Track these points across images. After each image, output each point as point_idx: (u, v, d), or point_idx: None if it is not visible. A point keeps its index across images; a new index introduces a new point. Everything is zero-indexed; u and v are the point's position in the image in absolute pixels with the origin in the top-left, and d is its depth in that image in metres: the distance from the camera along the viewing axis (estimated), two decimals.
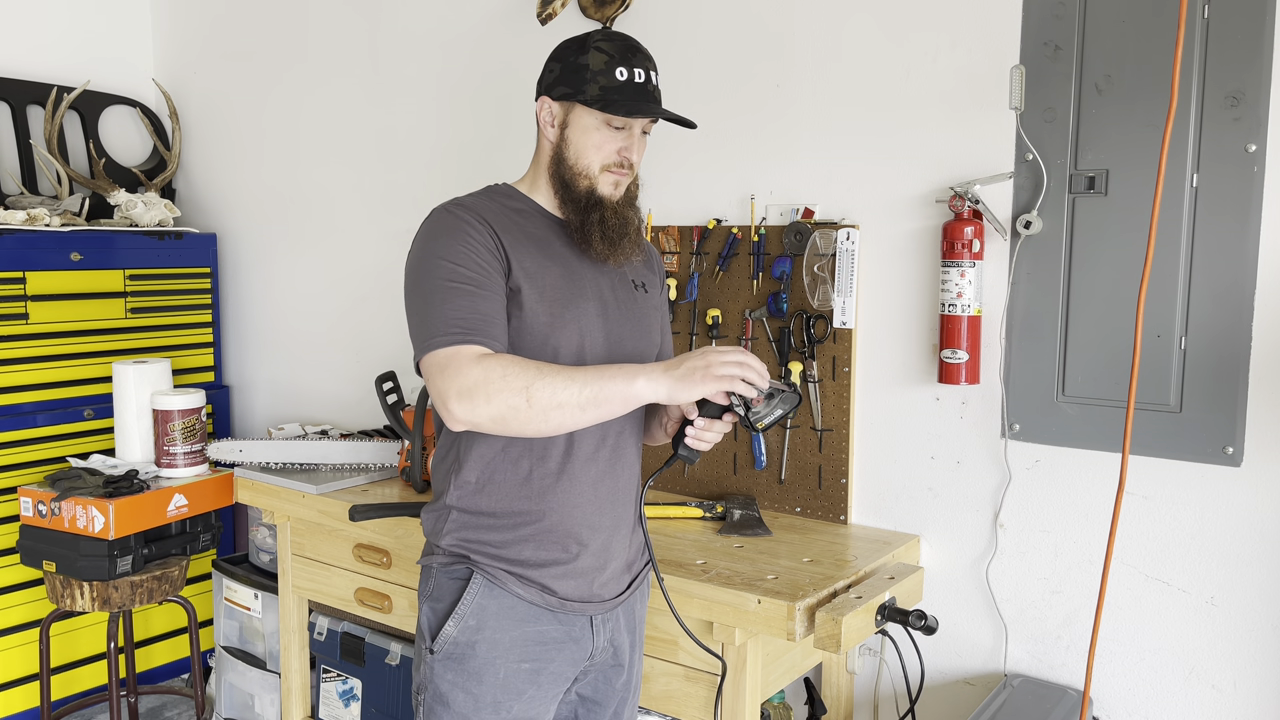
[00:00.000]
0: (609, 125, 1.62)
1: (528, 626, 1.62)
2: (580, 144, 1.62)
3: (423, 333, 1.54)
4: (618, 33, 1.66)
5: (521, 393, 1.46)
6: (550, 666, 1.65)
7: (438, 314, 1.52)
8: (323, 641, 2.67)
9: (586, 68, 1.60)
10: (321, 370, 3.37)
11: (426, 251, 1.57)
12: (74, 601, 2.73)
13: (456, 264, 1.54)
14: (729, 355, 1.51)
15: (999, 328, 2.12)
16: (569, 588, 1.64)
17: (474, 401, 1.47)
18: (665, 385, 1.49)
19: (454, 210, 1.61)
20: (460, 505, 1.63)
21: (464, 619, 1.60)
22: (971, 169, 2.12)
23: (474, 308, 1.53)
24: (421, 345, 1.54)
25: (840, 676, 2.34)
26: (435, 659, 1.62)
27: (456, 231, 1.57)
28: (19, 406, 3.01)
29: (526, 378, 1.47)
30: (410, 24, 3.01)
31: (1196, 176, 1.89)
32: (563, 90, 1.62)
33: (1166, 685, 2.01)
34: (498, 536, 1.62)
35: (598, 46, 1.61)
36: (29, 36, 3.36)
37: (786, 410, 1.60)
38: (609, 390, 1.49)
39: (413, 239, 1.63)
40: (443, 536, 1.64)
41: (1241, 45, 1.83)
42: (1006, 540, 2.16)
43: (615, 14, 2.57)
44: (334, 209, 3.26)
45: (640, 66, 1.62)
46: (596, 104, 1.59)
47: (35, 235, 3.00)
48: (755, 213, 2.41)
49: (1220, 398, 1.90)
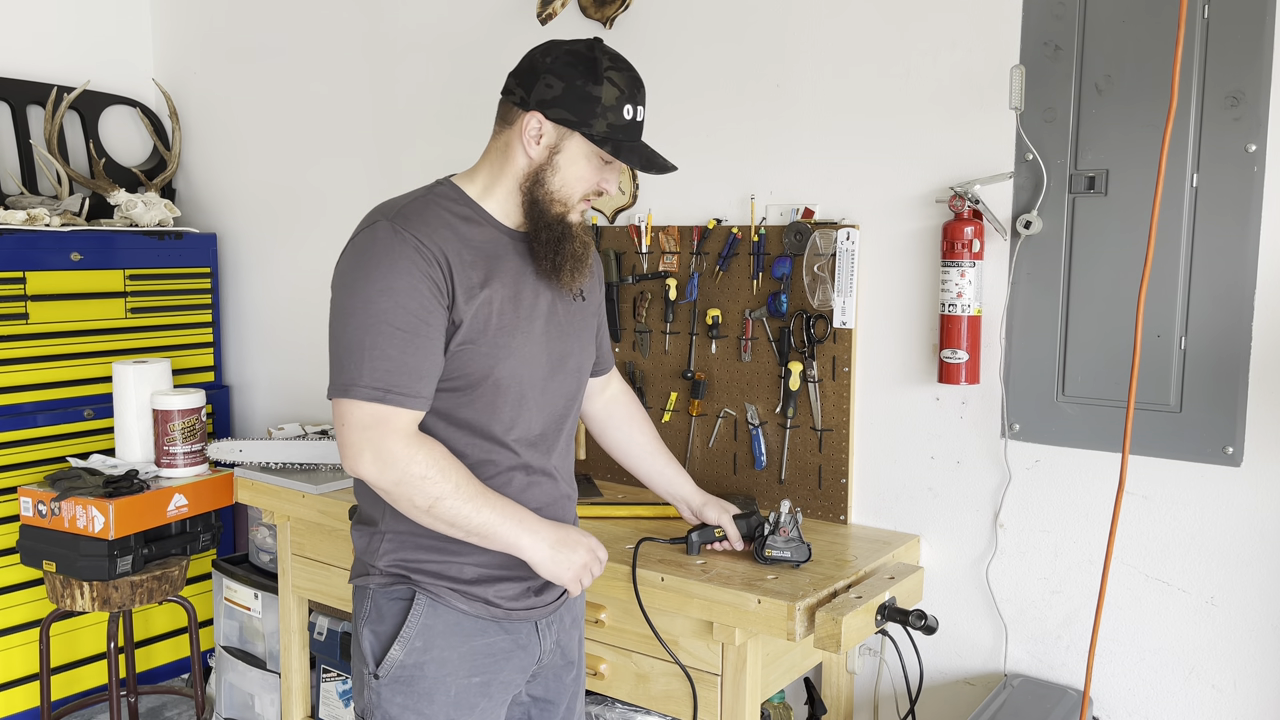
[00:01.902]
0: (600, 158, 1.56)
1: (475, 640, 1.60)
2: (568, 174, 1.55)
3: (346, 371, 1.47)
4: (623, 59, 1.57)
5: (430, 499, 1.49)
6: (500, 677, 1.63)
7: (366, 358, 1.45)
8: (323, 641, 2.67)
9: (599, 101, 1.52)
10: (321, 370, 3.36)
11: (365, 275, 1.47)
12: (74, 601, 2.73)
13: (397, 303, 1.45)
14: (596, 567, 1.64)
15: (999, 328, 2.12)
16: (513, 597, 1.62)
17: (386, 477, 1.48)
18: (544, 565, 1.58)
19: (401, 231, 1.48)
20: (395, 527, 1.59)
21: (410, 641, 1.57)
22: (971, 169, 2.12)
23: (404, 362, 1.46)
24: (342, 386, 1.48)
25: (840, 676, 2.34)
26: (382, 684, 1.58)
27: (402, 261, 1.46)
28: (19, 406, 3.01)
29: (442, 489, 1.49)
30: (410, 24, 3.01)
31: (1196, 176, 1.89)
32: (562, 115, 1.52)
33: (1166, 685, 2.01)
34: (438, 556, 1.59)
35: (610, 79, 1.53)
36: (29, 37, 3.36)
37: (794, 560, 1.96)
38: (499, 535, 1.54)
39: (348, 244, 1.53)
40: (379, 557, 1.60)
41: (1241, 45, 1.83)
42: (1006, 540, 2.16)
43: (615, 14, 2.57)
44: (334, 209, 3.26)
45: (643, 104, 1.58)
46: (604, 143, 1.54)
47: (35, 235, 3.00)
48: (755, 213, 2.41)
49: (1220, 398, 1.90)
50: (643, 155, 1.57)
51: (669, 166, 1.59)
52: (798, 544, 1.94)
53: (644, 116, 1.59)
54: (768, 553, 1.95)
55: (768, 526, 1.96)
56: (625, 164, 1.56)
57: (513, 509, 1.56)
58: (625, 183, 2.59)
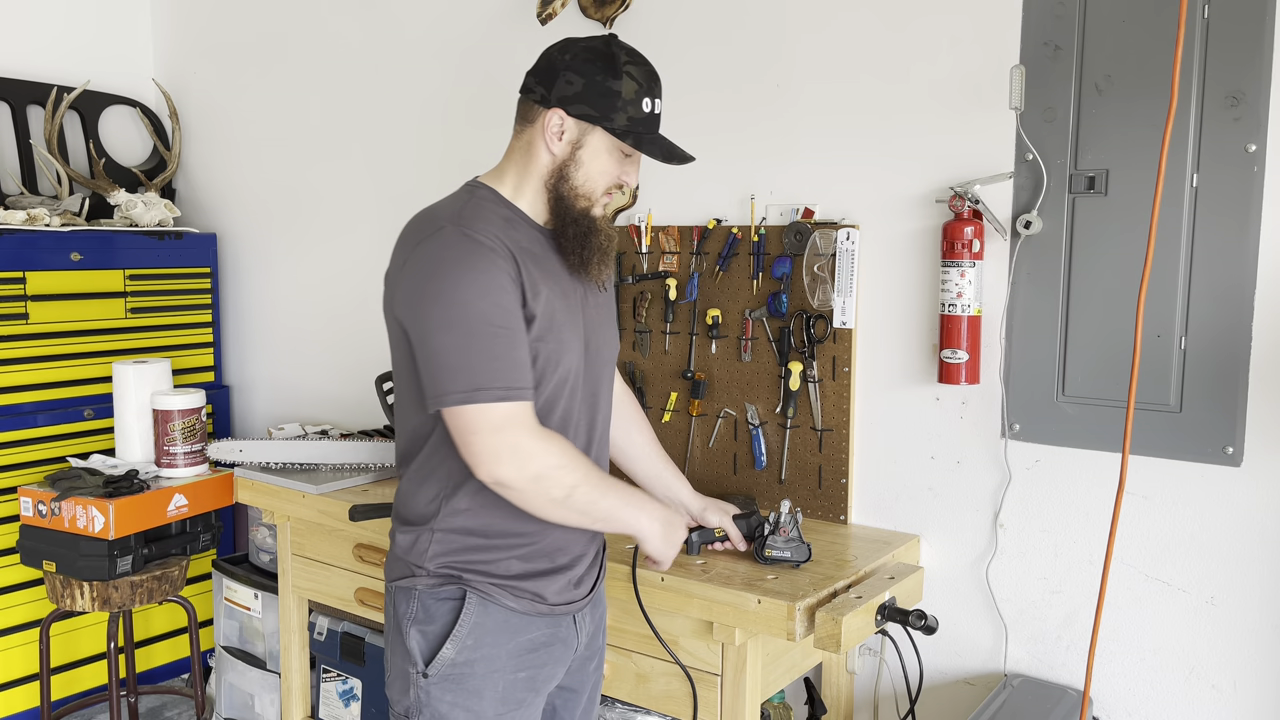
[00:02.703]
0: (620, 151, 1.60)
1: (521, 636, 1.62)
2: (591, 168, 1.58)
3: (464, 378, 1.46)
4: (639, 54, 1.61)
5: (565, 490, 1.53)
6: (544, 671, 1.66)
7: (482, 361, 1.46)
8: (323, 641, 2.67)
9: (618, 95, 1.55)
10: (321, 370, 3.37)
11: (452, 281, 1.48)
12: (74, 601, 2.73)
13: (494, 302, 1.47)
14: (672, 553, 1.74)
15: (999, 328, 2.12)
16: (557, 591, 1.65)
17: (522, 475, 1.49)
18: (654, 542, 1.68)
19: (472, 235, 1.50)
20: (446, 526, 1.60)
21: (462, 640, 1.59)
22: (971, 169, 2.12)
23: (513, 358, 1.48)
24: (464, 393, 1.47)
25: (840, 676, 2.34)
26: (431, 682, 1.59)
27: (482, 261, 1.49)
28: (19, 406, 3.01)
29: (573, 478, 1.53)
30: (410, 24, 3.01)
31: (1196, 176, 1.89)
32: (584, 110, 1.55)
33: (1166, 685, 2.01)
34: (488, 555, 1.60)
35: (629, 73, 1.56)
36: (29, 36, 3.36)
37: (794, 560, 1.96)
38: (619, 518, 1.63)
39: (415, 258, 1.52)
40: (428, 559, 1.60)
41: (1241, 45, 1.83)
42: (1006, 540, 2.16)
43: (615, 14, 2.57)
44: (334, 209, 3.27)
45: (660, 97, 1.61)
46: (626, 136, 1.57)
47: (35, 235, 3.00)
48: (755, 213, 2.41)
49: (1220, 398, 1.90)
50: (663, 147, 1.61)
51: (688, 157, 1.62)
52: (798, 544, 1.95)
53: (661, 109, 1.62)
54: (768, 553, 1.95)
55: (768, 526, 1.97)
56: (647, 155, 1.59)
57: (626, 490, 1.66)
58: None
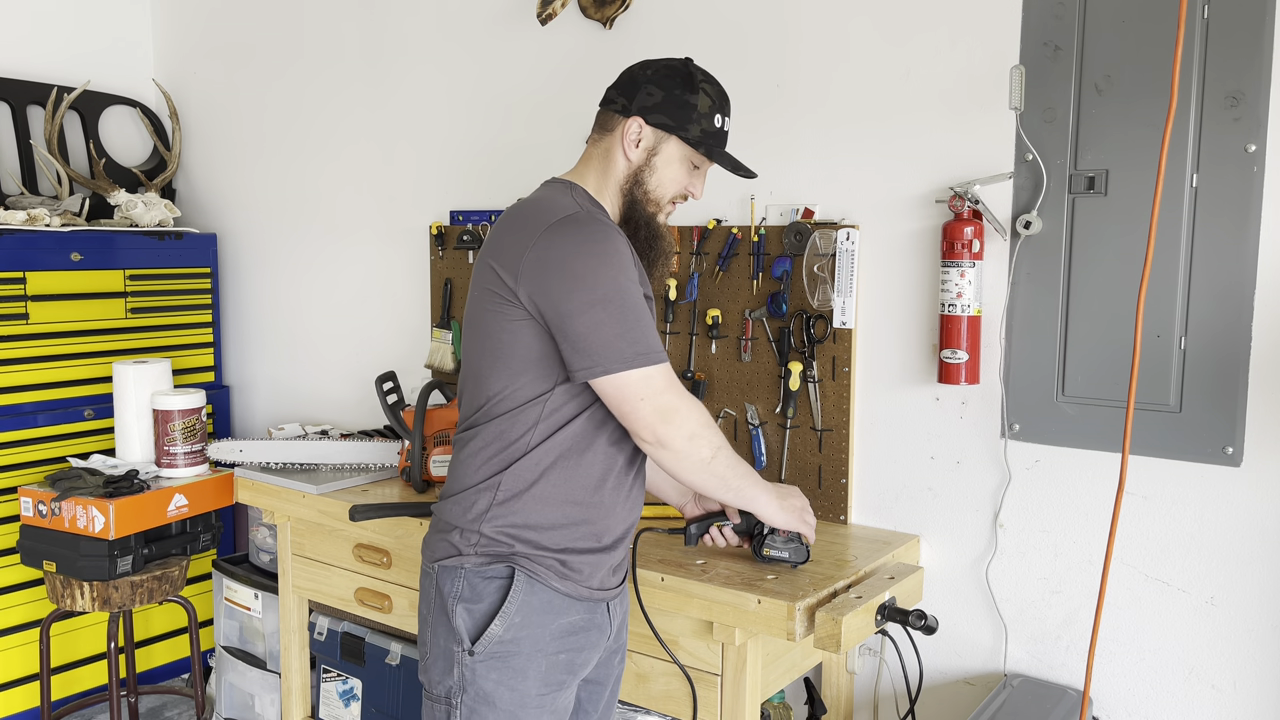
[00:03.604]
0: (691, 162, 1.72)
1: (562, 619, 1.66)
2: (664, 175, 1.71)
3: (627, 345, 1.56)
4: (712, 76, 1.74)
5: (713, 449, 1.64)
6: (580, 655, 1.70)
7: (639, 330, 1.57)
8: (323, 641, 2.67)
9: (695, 108, 1.69)
10: (321, 370, 3.37)
11: (599, 262, 1.57)
12: (74, 601, 2.73)
13: (633, 280, 1.60)
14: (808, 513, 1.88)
15: (999, 328, 2.12)
16: (599, 577, 1.69)
17: (681, 431, 1.59)
18: (776, 515, 1.82)
19: (602, 221, 1.63)
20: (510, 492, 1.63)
21: (510, 617, 1.62)
22: (971, 169, 2.12)
23: (654, 329, 1.62)
24: (629, 357, 1.56)
25: (840, 676, 2.34)
26: (476, 660, 1.62)
27: (621, 245, 1.61)
28: (19, 406, 3.01)
29: (718, 438, 1.66)
30: (410, 23, 3.00)
31: (1196, 176, 1.89)
32: (661, 119, 1.68)
33: (1166, 685, 2.01)
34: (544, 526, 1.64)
35: (704, 89, 1.70)
36: (29, 36, 3.36)
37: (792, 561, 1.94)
38: (743, 490, 1.73)
39: (548, 240, 1.57)
40: (484, 521, 1.63)
41: (1241, 45, 1.83)
42: (1006, 540, 2.16)
43: (615, 14, 2.57)
44: (334, 209, 3.27)
45: (729, 115, 1.75)
46: (699, 146, 1.70)
47: (35, 235, 3.00)
48: (755, 213, 2.41)
49: (1220, 398, 1.90)
50: (730, 160, 1.75)
51: (752, 173, 1.77)
52: (796, 545, 1.94)
53: (730, 127, 1.77)
54: (766, 552, 1.95)
55: (766, 526, 1.96)
56: (718, 164, 1.74)
57: (745, 464, 1.75)
58: None
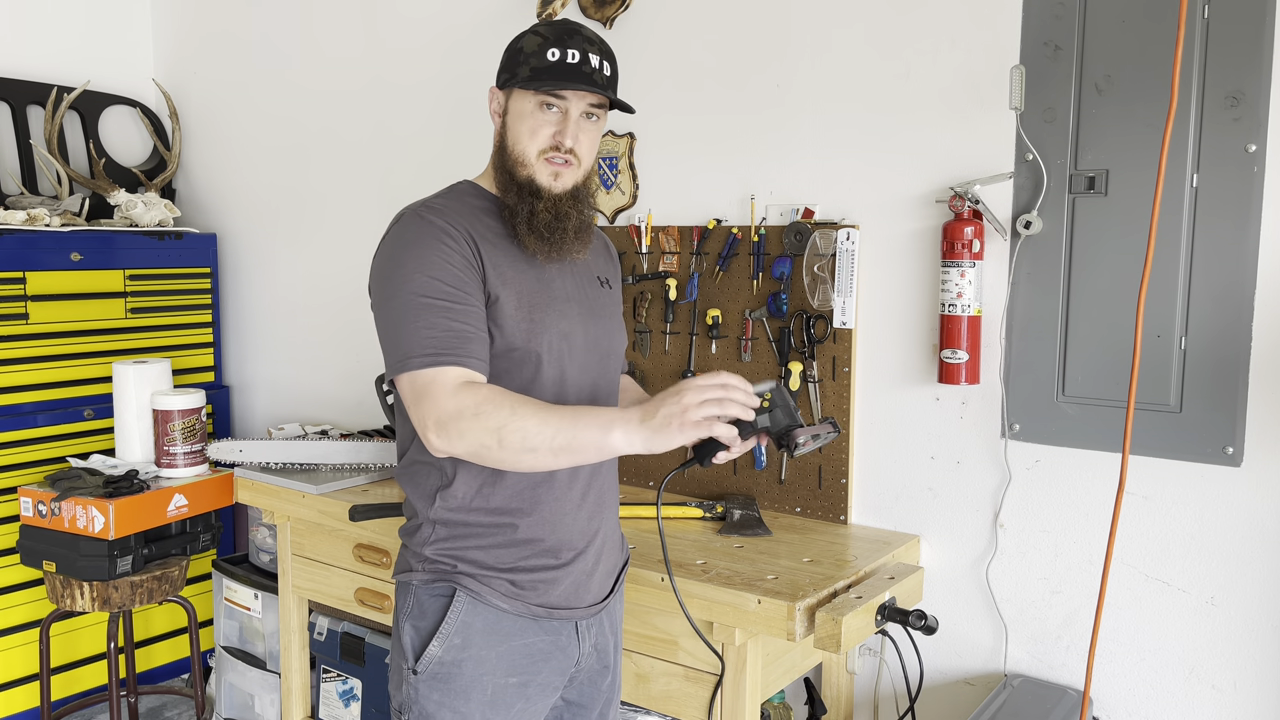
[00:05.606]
0: (543, 108, 1.55)
1: (514, 640, 1.60)
2: (516, 129, 1.58)
3: (396, 351, 1.49)
4: (564, 20, 1.61)
5: (493, 433, 1.41)
6: (538, 678, 1.63)
7: (412, 332, 1.47)
8: (323, 641, 2.67)
9: (521, 50, 1.57)
10: (321, 370, 3.37)
11: (398, 262, 1.51)
12: (74, 601, 2.73)
13: (432, 277, 1.49)
14: (705, 391, 1.40)
15: (999, 328, 2.12)
16: (557, 595, 1.62)
17: (449, 435, 1.44)
18: (641, 437, 1.40)
19: (425, 216, 1.54)
20: (445, 518, 1.59)
21: (448, 638, 1.57)
22: (971, 169, 2.12)
23: (449, 327, 1.48)
24: (395, 364, 1.49)
25: (840, 676, 2.34)
26: (420, 679, 1.58)
27: (430, 240, 1.51)
28: (19, 406, 3.01)
29: (500, 417, 1.41)
30: (410, 24, 3.01)
31: (1196, 177, 1.89)
32: (504, 77, 1.60)
33: (1166, 685, 2.01)
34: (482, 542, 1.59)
35: (535, 30, 1.58)
36: (29, 37, 3.36)
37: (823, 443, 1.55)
38: (583, 439, 1.42)
39: (380, 244, 1.58)
40: (428, 546, 1.60)
41: (1241, 45, 1.83)
42: (1006, 540, 2.16)
43: (615, 14, 2.57)
44: (334, 209, 3.27)
45: (576, 48, 1.54)
46: (527, 84, 1.54)
47: (35, 235, 3.00)
48: (755, 213, 2.41)
49: (1220, 398, 1.90)
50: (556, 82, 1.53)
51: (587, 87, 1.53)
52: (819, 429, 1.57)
53: (582, 59, 1.54)
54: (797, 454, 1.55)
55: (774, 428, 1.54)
56: (538, 91, 1.53)
57: (582, 410, 1.46)
58: (625, 183, 2.59)
